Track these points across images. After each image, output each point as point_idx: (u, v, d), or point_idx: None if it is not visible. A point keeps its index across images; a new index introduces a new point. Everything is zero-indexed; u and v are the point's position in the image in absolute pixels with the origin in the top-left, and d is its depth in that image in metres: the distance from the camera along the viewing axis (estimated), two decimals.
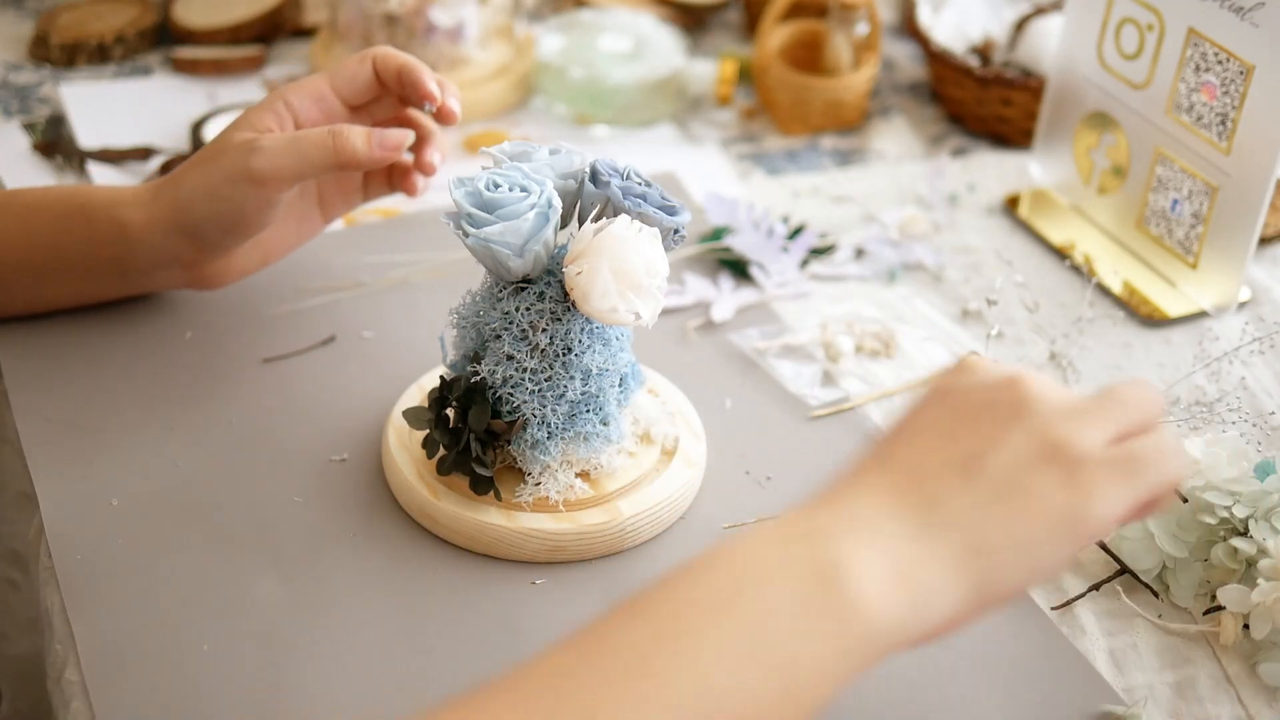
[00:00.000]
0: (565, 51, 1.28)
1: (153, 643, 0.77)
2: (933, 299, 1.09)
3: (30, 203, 0.94)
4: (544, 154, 0.83)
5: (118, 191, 0.93)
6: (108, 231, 0.92)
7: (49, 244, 0.93)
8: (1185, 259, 1.09)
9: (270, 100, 0.91)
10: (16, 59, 1.29)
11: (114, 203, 0.92)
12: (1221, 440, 0.86)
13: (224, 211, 0.89)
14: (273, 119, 0.90)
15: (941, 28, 1.32)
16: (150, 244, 0.92)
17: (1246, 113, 1.01)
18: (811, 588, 0.58)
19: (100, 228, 0.92)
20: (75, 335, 0.96)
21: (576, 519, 0.83)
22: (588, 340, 0.81)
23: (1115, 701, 0.79)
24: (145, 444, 0.89)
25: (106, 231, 0.92)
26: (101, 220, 0.92)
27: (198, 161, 0.90)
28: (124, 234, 0.92)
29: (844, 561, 0.59)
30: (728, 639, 0.57)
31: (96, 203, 0.92)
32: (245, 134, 0.89)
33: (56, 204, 0.93)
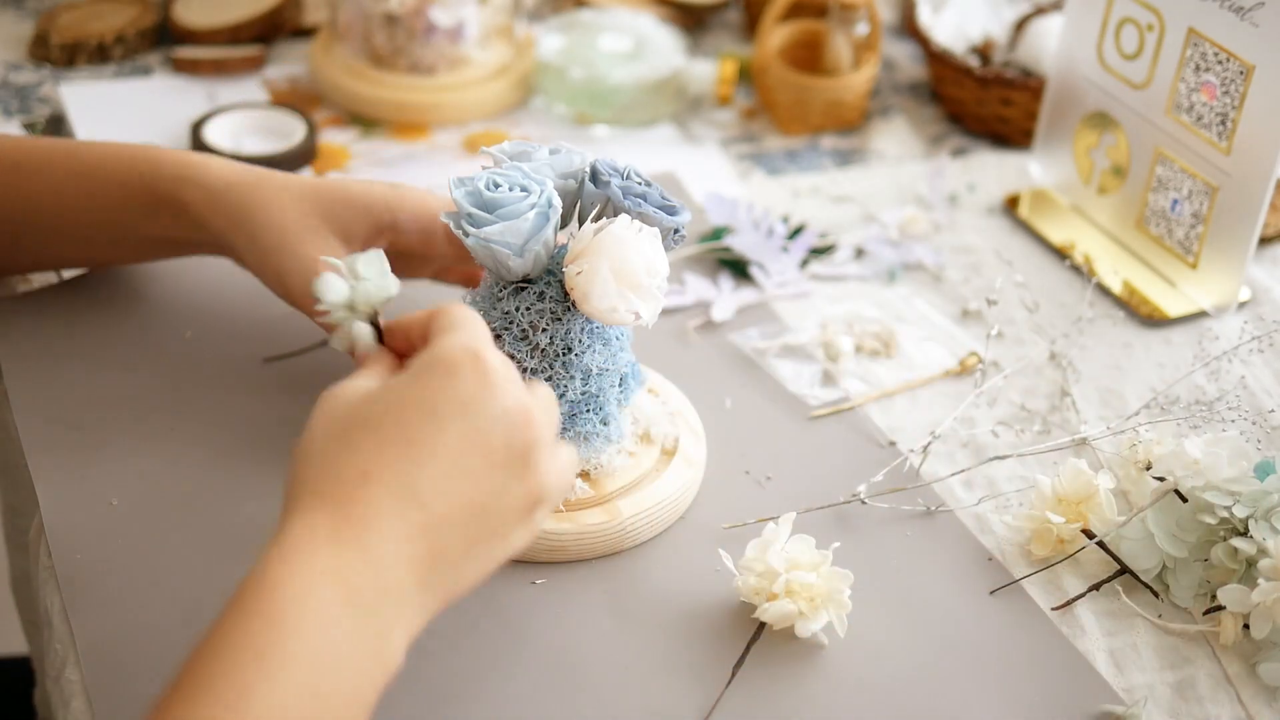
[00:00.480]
0: (565, 51, 1.28)
1: (153, 643, 0.77)
2: (933, 299, 1.09)
3: (94, 161, 0.92)
4: (544, 154, 0.83)
5: (187, 165, 0.91)
6: (168, 205, 0.91)
7: (112, 207, 0.92)
8: (1185, 259, 1.09)
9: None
10: (16, 59, 1.29)
11: (181, 178, 0.91)
12: (1221, 440, 0.86)
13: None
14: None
15: (941, 28, 1.32)
16: (210, 228, 0.91)
17: (1246, 113, 1.01)
18: (370, 656, 0.62)
19: (163, 201, 0.91)
20: (75, 335, 0.96)
21: (577, 519, 0.83)
22: (588, 340, 0.81)
23: (1115, 701, 0.79)
24: (145, 444, 0.89)
25: (167, 204, 0.91)
26: (165, 193, 0.91)
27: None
28: (184, 211, 0.91)
29: (392, 628, 0.63)
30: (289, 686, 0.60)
31: (163, 172, 0.91)
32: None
33: (121, 165, 0.92)
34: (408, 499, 0.64)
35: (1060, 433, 0.97)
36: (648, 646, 0.79)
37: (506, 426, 0.66)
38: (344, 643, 0.61)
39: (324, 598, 0.61)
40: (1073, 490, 0.86)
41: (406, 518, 0.64)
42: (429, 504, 0.64)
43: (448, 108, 1.25)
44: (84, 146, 0.94)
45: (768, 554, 0.79)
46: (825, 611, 0.78)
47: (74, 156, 0.93)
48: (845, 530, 0.87)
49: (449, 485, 0.65)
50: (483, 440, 0.65)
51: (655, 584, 0.83)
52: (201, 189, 0.90)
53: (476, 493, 0.65)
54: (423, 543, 0.64)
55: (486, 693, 0.76)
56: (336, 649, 0.61)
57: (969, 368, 1.01)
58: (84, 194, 0.92)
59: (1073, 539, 0.86)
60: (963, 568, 0.86)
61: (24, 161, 0.93)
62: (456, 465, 0.65)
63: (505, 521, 0.67)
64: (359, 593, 0.62)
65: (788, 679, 0.78)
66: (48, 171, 0.92)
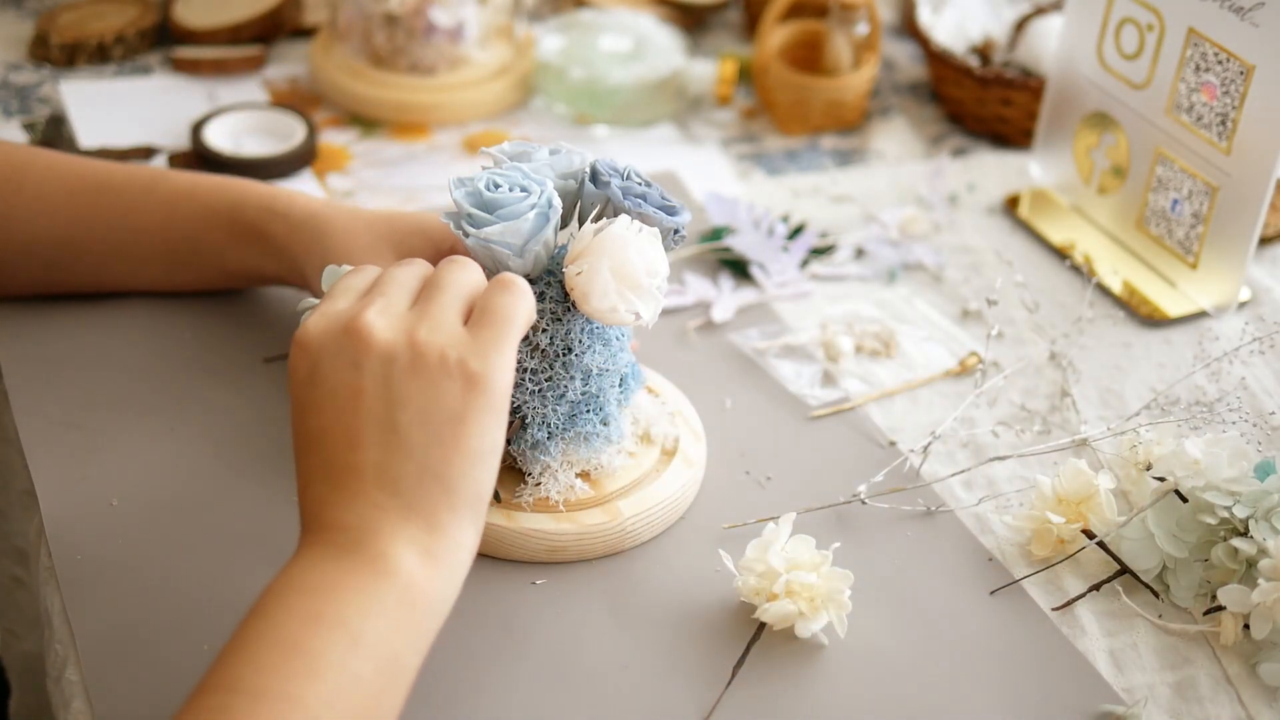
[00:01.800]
0: (565, 51, 1.28)
1: (153, 643, 0.77)
2: (933, 299, 1.09)
3: (182, 189, 0.95)
4: (544, 154, 0.83)
5: (273, 198, 0.94)
6: (252, 235, 0.94)
7: (190, 236, 0.95)
8: (1185, 259, 1.09)
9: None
10: (16, 59, 1.29)
11: (268, 210, 0.94)
12: (1222, 440, 0.86)
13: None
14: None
15: (941, 28, 1.32)
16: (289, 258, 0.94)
17: (1246, 113, 1.01)
18: (377, 584, 0.66)
19: (247, 231, 0.94)
20: (75, 335, 0.96)
21: (577, 519, 0.83)
22: (588, 340, 0.81)
23: (1115, 701, 0.79)
24: (145, 444, 0.89)
25: (251, 235, 0.94)
26: (250, 223, 0.94)
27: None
28: (266, 243, 0.94)
29: (387, 558, 0.67)
30: (332, 645, 0.64)
31: (249, 202, 0.94)
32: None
33: (205, 194, 0.95)
34: (333, 480, 0.69)
35: (1060, 433, 0.97)
36: (648, 646, 0.79)
37: (333, 353, 0.70)
38: (336, 575, 0.66)
39: (308, 561, 0.68)
40: (1073, 490, 0.86)
41: (343, 488, 0.68)
42: (342, 458, 0.68)
43: (448, 108, 1.25)
44: (170, 175, 0.96)
45: (768, 554, 0.79)
46: (825, 612, 0.78)
47: (160, 183, 0.95)
48: (845, 530, 0.87)
49: (341, 433, 0.69)
50: (325, 391, 0.70)
51: (655, 584, 0.83)
52: (285, 221, 0.93)
53: (365, 426, 0.68)
54: (373, 490, 0.68)
55: (486, 693, 0.76)
56: (330, 580, 0.66)
57: (969, 368, 1.01)
58: (168, 221, 0.95)
59: (1073, 539, 0.86)
60: (963, 568, 0.86)
61: (109, 185, 0.95)
62: (338, 415, 0.69)
63: (423, 410, 0.68)
64: (335, 545, 0.68)
65: (788, 679, 0.78)
66: (132, 196, 0.95)
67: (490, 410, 0.69)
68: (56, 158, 0.96)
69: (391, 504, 0.68)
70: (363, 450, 0.68)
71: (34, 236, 0.94)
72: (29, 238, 0.94)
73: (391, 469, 0.68)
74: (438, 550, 0.68)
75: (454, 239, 0.91)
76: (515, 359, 0.71)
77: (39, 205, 0.94)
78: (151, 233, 0.95)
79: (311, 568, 0.67)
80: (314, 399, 0.70)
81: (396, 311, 0.71)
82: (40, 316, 0.97)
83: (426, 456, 0.68)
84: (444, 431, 0.68)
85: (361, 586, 0.66)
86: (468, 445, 0.69)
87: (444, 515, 0.68)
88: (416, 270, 0.74)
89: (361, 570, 0.66)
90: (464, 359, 0.69)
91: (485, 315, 0.71)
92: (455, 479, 0.68)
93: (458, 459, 0.68)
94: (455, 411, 0.68)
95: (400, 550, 0.67)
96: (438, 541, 0.68)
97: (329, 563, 0.67)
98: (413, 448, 0.68)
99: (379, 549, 0.67)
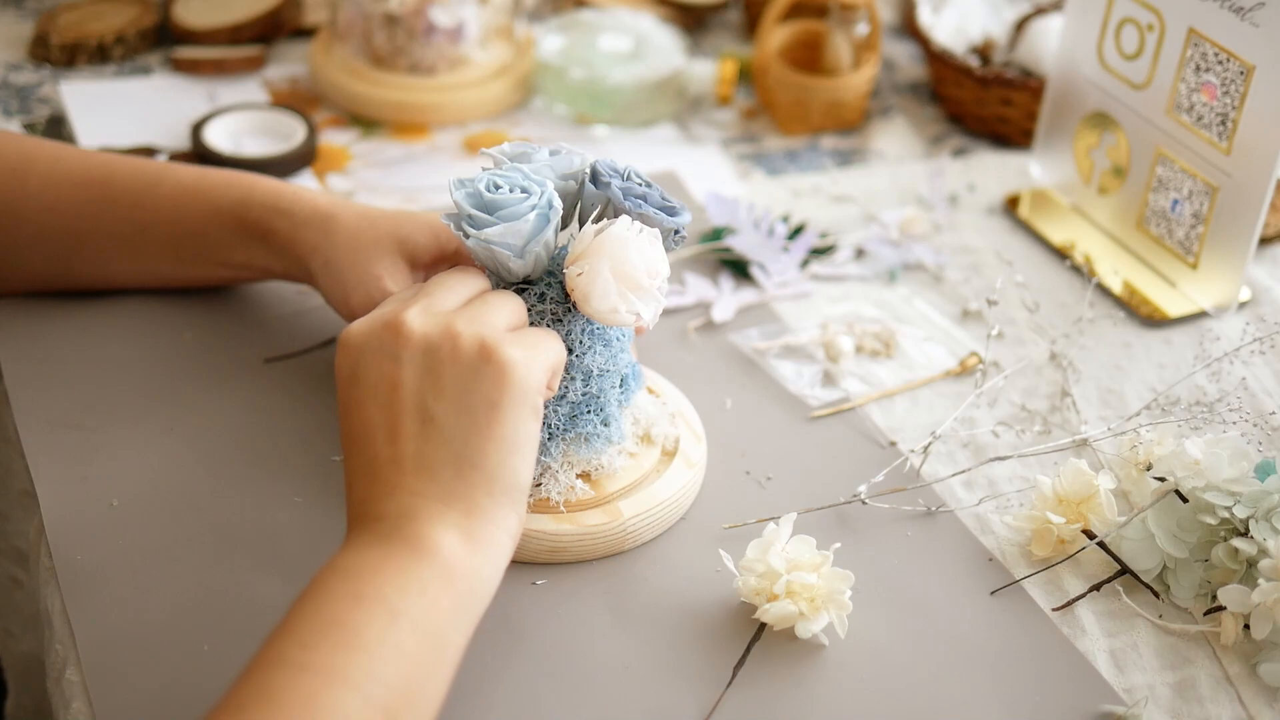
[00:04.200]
0: (565, 51, 1.28)
1: (153, 643, 0.77)
2: (933, 299, 1.09)
3: (188, 184, 0.95)
4: (544, 155, 0.83)
5: (279, 196, 0.94)
6: (257, 231, 0.94)
7: (196, 232, 0.95)
8: (1185, 259, 1.09)
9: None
10: (16, 59, 1.29)
11: (274, 208, 0.93)
12: (1222, 440, 0.86)
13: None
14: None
15: (941, 28, 1.32)
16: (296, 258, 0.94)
17: (1246, 113, 1.01)
18: (418, 565, 0.68)
19: (253, 227, 0.94)
20: (76, 335, 0.96)
21: (577, 520, 0.83)
22: (589, 341, 0.81)
23: (1115, 701, 0.79)
24: (145, 444, 0.89)
25: (256, 231, 0.94)
26: (255, 220, 0.94)
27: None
28: (271, 239, 0.94)
29: (428, 540, 0.69)
30: (372, 620, 0.66)
31: (255, 199, 0.94)
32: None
33: (212, 189, 0.95)
34: (375, 475, 0.71)
35: (1060, 433, 0.97)
36: (648, 646, 0.79)
37: (359, 341, 0.73)
38: (378, 558, 0.68)
39: (352, 550, 0.69)
40: (1073, 490, 0.86)
41: (384, 481, 0.71)
42: (384, 452, 0.71)
43: (448, 108, 1.25)
44: (177, 169, 0.96)
45: (768, 555, 0.79)
46: (826, 612, 0.78)
47: (166, 177, 0.95)
48: (846, 531, 0.87)
49: (382, 427, 0.71)
50: (366, 387, 0.72)
51: (656, 584, 0.83)
52: (290, 218, 0.93)
53: (404, 418, 0.71)
54: (412, 479, 0.70)
55: (486, 693, 0.76)
56: (372, 563, 0.68)
57: (969, 368, 1.01)
58: (174, 215, 0.95)
59: (1073, 539, 0.86)
60: (963, 568, 0.86)
61: (115, 178, 0.95)
62: (378, 409, 0.71)
63: (460, 399, 0.70)
64: (377, 534, 0.69)
65: (788, 680, 0.78)
66: (139, 190, 0.95)
67: (524, 401, 0.71)
68: (63, 150, 0.96)
69: (431, 490, 0.70)
70: (402, 442, 0.70)
71: (40, 228, 0.94)
72: (35, 230, 0.94)
73: (429, 457, 0.70)
74: (478, 532, 0.70)
75: (457, 242, 0.92)
76: (549, 374, 0.73)
77: (45, 197, 0.94)
78: (158, 226, 0.95)
79: (354, 554, 0.69)
80: (356, 396, 0.72)
81: (439, 309, 0.73)
82: (41, 316, 0.97)
83: (465, 445, 0.70)
84: (479, 419, 0.70)
85: (401, 567, 0.67)
86: (502, 432, 0.70)
87: (483, 500, 0.70)
88: (470, 281, 0.76)
89: (401, 552, 0.68)
90: (500, 346, 0.71)
91: (529, 331, 0.74)
92: (493, 466, 0.70)
93: (493, 447, 0.70)
94: (491, 399, 0.70)
95: (440, 532, 0.69)
96: (477, 524, 0.70)
97: (370, 549, 0.68)
98: (450, 436, 0.70)
99: (418, 531, 0.69)
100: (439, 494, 0.70)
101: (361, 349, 0.72)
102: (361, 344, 0.72)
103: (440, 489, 0.70)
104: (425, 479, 0.70)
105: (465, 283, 0.76)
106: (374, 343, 0.72)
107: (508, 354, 0.71)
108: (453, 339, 0.71)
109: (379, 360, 0.72)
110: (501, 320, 0.74)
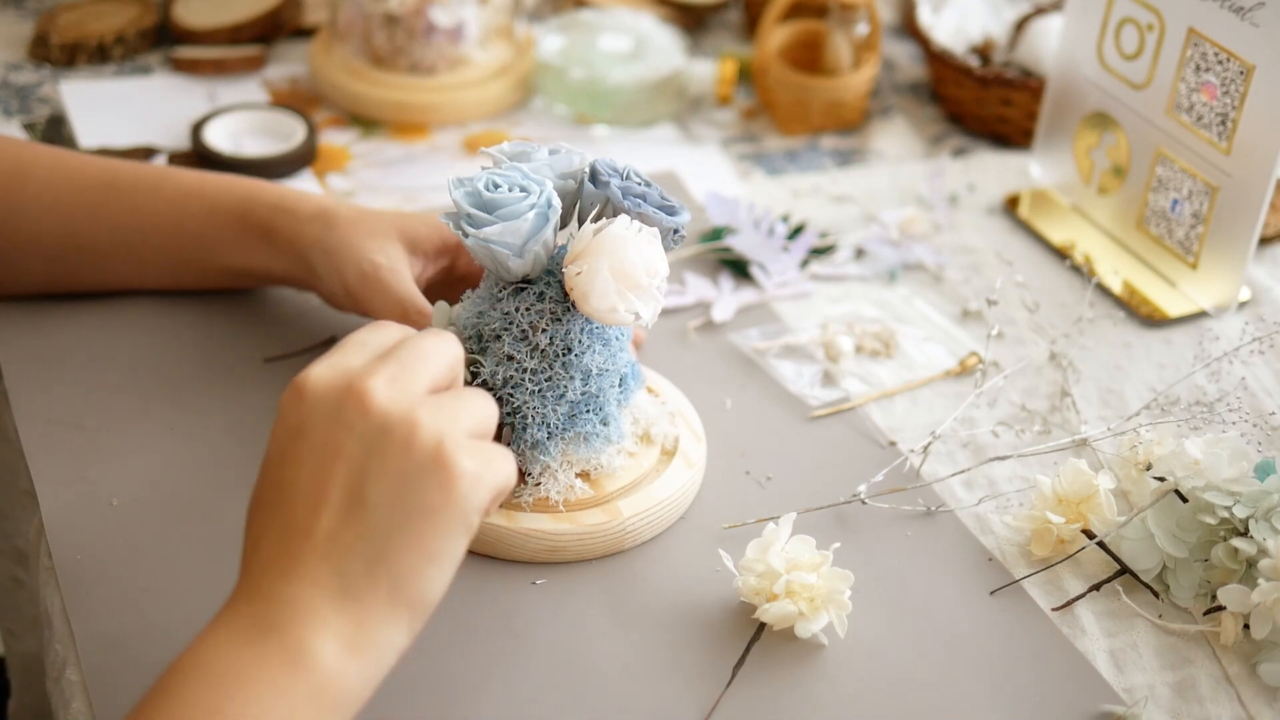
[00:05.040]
0: (565, 51, 1.28)
1: (153, 643, 0.77)
2: (933, 299, 1.09)
3: (189, 188, 0.95)
4: (543, 154, 0.83)
5: (282, 198, 0.94)
6: (259, 233, 0.94)
7: (196, 233, 0.95)
8: (1185, 259, 1.09)
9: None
10: (16, 59, 1.29)
11: (277, 208, 0.93)
12: (1222, 440, 0.86)
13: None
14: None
15: (941, 28, 1.32)
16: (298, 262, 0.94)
17: (1246, 113, 1.01)
18: (288, 678, 0.62)
19: (254, 229, 0.94)
20: (75, 335, 0.96)
21: (577, 519, 0.83)
22: (588, 340, 0.81)
23: (1115, 701, 0.79)
24: (145, 444, 0.89)
25: (258, 233, 0.94)
26: (257, 222, 0.94)
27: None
28: (272, 240, 0.93)
29: (306, 648, 0.63)
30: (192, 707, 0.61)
31: (259, 200, 0.94)
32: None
33: (214, 192, 0.95)
34: (284, 541, 0.65)
35: (1060, 433, 0.97)
36: (648, 646, 0.79)
37: (322, 416, 0.66)
38: (247, 662, 0.63)
39: (225, 635, 0.64)
40: (1073, 490, 0.86)
41: (290, 554, 0.65)
42: (300, 519, 0.65)
43: (448, 108, 1.25)
44: (177, 173, 0.96)
45: (768, 554, 0.79)
46: (825, 612, 0.78)
47: (167, 181, 0.95)
48: (845, 530, 0.87)
49: (308, 491, 0.65)
50: (308, 445, 0.66)
51: (655, 584, 0.83)
52: (292, 218, 0.93)
53: (334, 490, 0.65)
54: (318, 562, 0.64)
55: (486, 693, 0.76)
56: (238, 667, 0.63)
57: (969, 368, 1.01)
58: (175, 219, 0.95)
59: (1073, 539, 0.86)
60: (963, 568, 0.86)
61: (115, 182, 0.95)
62: (310, 481, 0.65)
63: (398, 492, 0.64)
64: (258, 619, 0.64)
65: (788, 679, 0.78)
66: (140, 194, 0.95)
67: (462, 518, 0.65)
68: (63, 154, 0.96)
69: (331, 584, 0.64)
70: (323, 515, 0.64)
71: (40, 233, 0.94)
72: (35, 234, 0.94)
73: (344, 543, 0.64)
74: (363, 645, 0.64)
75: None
76: (494, 497, 0.67)
77: (45, 201, 0.94)
78: (159, 231, 0.95)
79: (227, 647, 0.63)
80: (294, 451, 0.66)
81: (408, 387, 0.66)
82: (41, 316, 0.97)
83: (385, 543, 0.64)
84: (410, 520, 0.64)
85: (273, 681, 0.62)
86: (428, 543, 0.64)
87: (382, 608, 0.64)
88: (448, 353, 0.69)
89: (277, 660, 0.63)
90: (456, 454, 0.65)
91: (487, 446, 0.67)
92: (404, 573, 0.64)
93: (413, 554, 0.64)
94: (429, 505, 0.64)
95: (322, 642, 0.63)
96: (366, 633, 0.64)
97: (245, 646, 0.63)
98: (374, 527, 0.64)
99: (299, 635, 0.63)
100: (337, 589, 0.63)
101: (315, 404, 0.66)
102: (317, 399, 0.66)
103: (341, 584, 0.64)
104: (330, 568, 0.64)
105: (443, 355, 0.68)
106: (331, 402, 0.65)
107: (461, 464, 0.64)
108: (410, 427, 0.64)
109: (330, 423, 0.65)
110: (468, 423, 0.66)
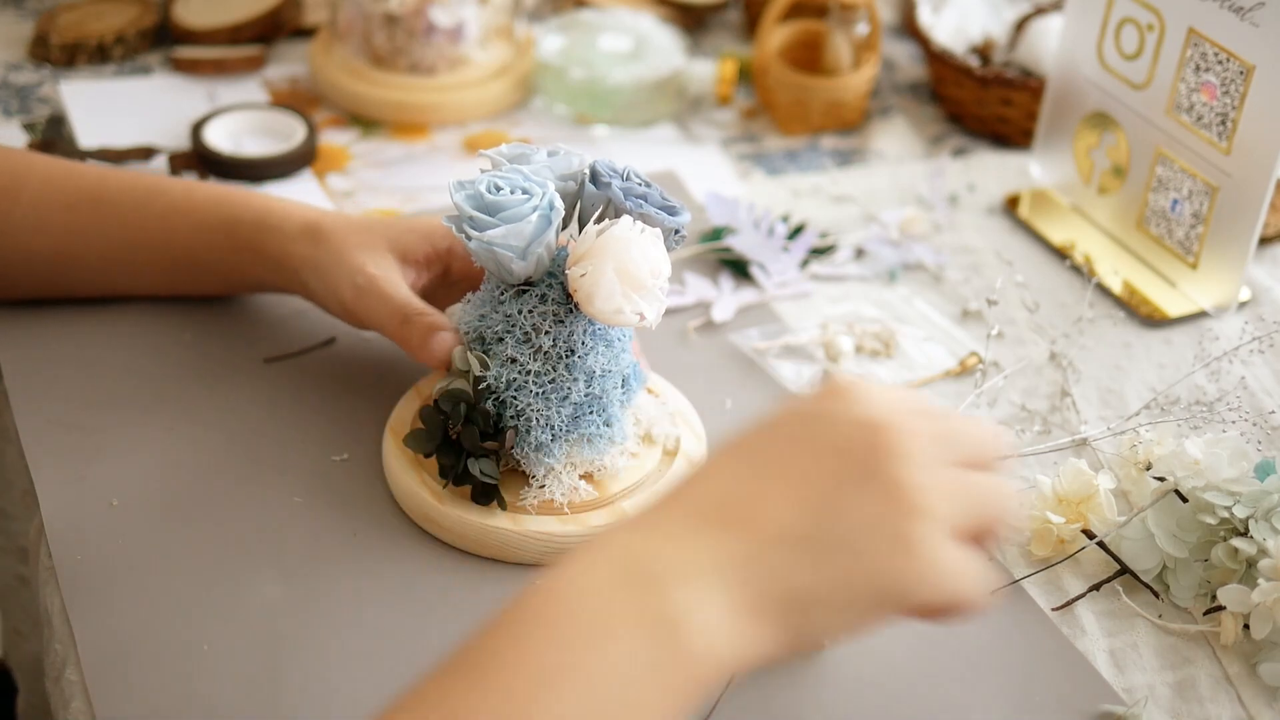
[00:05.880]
0: (565, 51, 1.28)
1: (153, 643, 0.77)
2: (933, 299, 1.09)
3: (178, 201, 0.95)
4: (542, 156, 0.83)
5: (267, 214, 0.93)
6: (248, 249, 0.94)
7: (187, 248, 0.95)
8: (1185, 259, 1.09)
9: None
10: (16, 59, 1.29)
11: (262, 225, 0.93)
12: (1221, 440, 0.86)
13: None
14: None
15: (941, 28, 1.32)
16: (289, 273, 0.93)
17: (1246, 113, 1.01)
18: (655, 644, 0.57)
19: (243, 245, 0.94)
20: (76, 335, 0.96)
21: (582, 521, 0.83)
22: (591, 342, 0.81)
23: (1115, 701, 0.79)
24: (145, 444, 0.89)
25: (247, 248, 0.94)
26: (245, 238, 0.93)
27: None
28: (262, 256, 0.93)
29: (684, 615, 0.58)
30: (578, 699, 0.56)
31: (245, 218, 0.93)
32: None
33: (201, 208, 0.94)
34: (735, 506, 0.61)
35: (1060, 433, 0.97)
36: None
37: (848, 430, 0.61)
38: (615, 617, 0.57)
39: (598, 574, 0.58)
40: (1073, 490, 0.87)
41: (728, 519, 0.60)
42: (757, 502, 0.60)
43: (448, 108, 1.25)
44: (167, 187, 0.96)
45: None
46: None
47: (156, 197, 0.95)
48: None
49: (777, 494, 0.61)
50: (812, 445, 0.61)
51: None
52: (280, 233, 0.92)
53: (806, 499, 0.60)
54: (734, 542, 0.59)
55: None
56: (606, 621, 0.57)
57: (969, 368, 1.01)
58: (165, 235, 0.95)
59: (1073, 539, 0.86)
60: None
61: (105, 196, 0.95)
62: (802, 471, 0.61)
63: (857, 538, 0.59)
64: (638, 562, 0.58)
65: (788, 679, 0.78)
66: (129, 209, 0.94)
67: (900, 607, 0.61)
68: (53, 168, 0.96)
69: (744, 572, 0.59)
70: (787, 509, 0.60)
71: (31, 250, 0.94)
72: (26, 251, 0.94)
73: (784, 548, 0.59)
74: (736, 642, 0.58)
75: (452, 240, 0.91)
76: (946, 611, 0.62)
77: (35, 218, 0.94)
78: (150, 247, 0.95)
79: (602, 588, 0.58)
80: (810, 430, 0.62)
81: (941, 456, 0.62)
82: (40, 317, 0.97)
83: (820, 573, 0.59)
84: (854, 578, 0.60)
85: (634, 637, 0.57)
86: (858, 605, 0.60)
87: (774, 617, 0.59)
88: (989, 444, 0.65)
89: (650, 615, 0.58)
90: (943, 550, 0.61)
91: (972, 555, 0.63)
92: (815, 608, 0.60)
93: (837, 602, 0.60)
94: (883, 580, 0.60)
95: (704, 618, 0.58)
96: (742, 636, 0.59)
97: (618, 590, 0.58)
98: (821, 555, 0.60)
99: (686, 603, 0.58)
100: (745, 582, 0.59)
101: (858, 404, 0.62)
102: (866, 402, 0.62)
103: (754, 579, 0.59)
104: (758, 559, 0.59)
105: (984, 443, 0.65)
106: (874, 416, 0.61)
107: (940, 560, 0.61)
108: (922, 493, 0.60)
109: (856, 431, 0.61)
110: (977, 510, 0.63)
